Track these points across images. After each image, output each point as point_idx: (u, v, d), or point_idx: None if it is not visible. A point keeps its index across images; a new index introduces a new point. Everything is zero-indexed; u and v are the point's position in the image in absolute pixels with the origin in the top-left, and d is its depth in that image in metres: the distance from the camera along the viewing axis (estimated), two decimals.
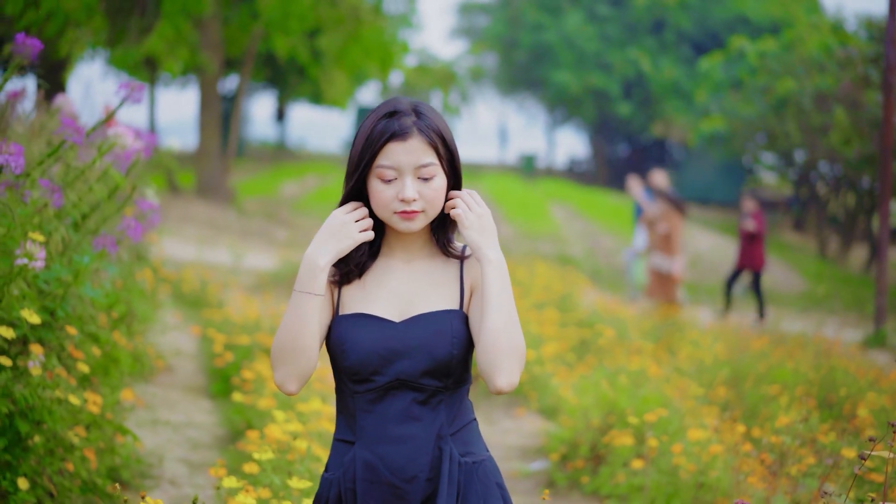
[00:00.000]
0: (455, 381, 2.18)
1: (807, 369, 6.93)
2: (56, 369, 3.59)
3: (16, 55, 3.68)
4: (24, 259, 3.19)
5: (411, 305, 2.18)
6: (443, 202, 2.18)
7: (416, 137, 2.14)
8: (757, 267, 12.66)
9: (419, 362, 2.13)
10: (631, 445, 4.65)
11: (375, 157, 2.13)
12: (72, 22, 14.80)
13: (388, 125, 2.13)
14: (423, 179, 2.14)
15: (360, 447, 2.15)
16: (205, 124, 19.75)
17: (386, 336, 2.14)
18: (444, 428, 2.16)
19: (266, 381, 5.22)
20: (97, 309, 4.21)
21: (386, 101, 2.21)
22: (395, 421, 2.14)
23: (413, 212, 2.14)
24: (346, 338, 2.15)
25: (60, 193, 3.58)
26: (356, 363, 2.14)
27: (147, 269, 7.01)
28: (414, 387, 2.14)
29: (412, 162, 2.13)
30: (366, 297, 2.20)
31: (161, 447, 4.95)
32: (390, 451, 2.13)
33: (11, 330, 3.30)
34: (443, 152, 2.17)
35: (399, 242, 2.23)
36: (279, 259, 13.02)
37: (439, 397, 2.16)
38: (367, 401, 2.15)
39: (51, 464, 3.62)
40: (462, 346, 2.16)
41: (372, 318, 2.17)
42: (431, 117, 2.18)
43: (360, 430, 2.16)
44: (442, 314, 2.17)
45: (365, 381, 2.15)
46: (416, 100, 2.21)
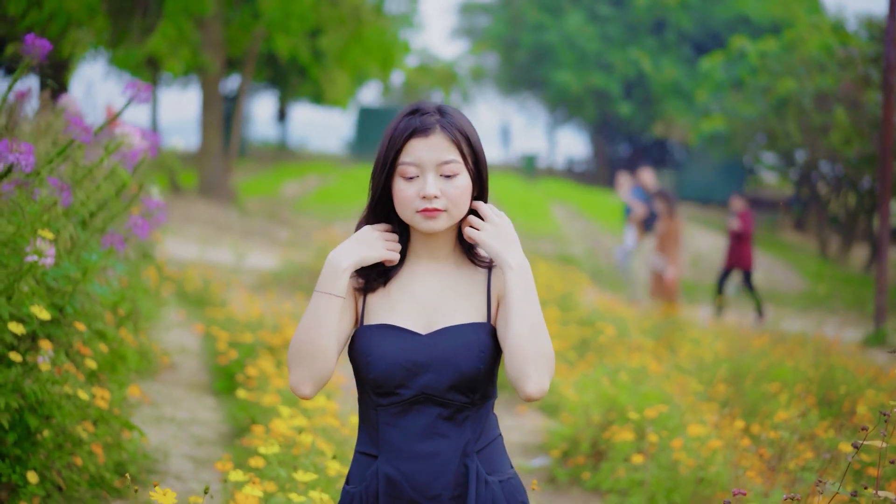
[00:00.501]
0: (482, 396, 2.11)
1: (806, 367, 6.98)
2: (65, 365, 3.65)
3: (25, 55, 3.73)
4: (34, 256, 3.24)
5: (437, 316, 2.13)
6: (467, 203, 2.12)
7: (439, 134, 2.10)
8: (745, 266, 12.73)
9: (445, 376, 2.07)
10: (631, 441, 4.71)
11: (398, 155, 2.10)
12: (74, 22, 14.86)
13: (410, 122, 2.11)
14: (445, 177, 2.10)
15: (382, 462, 2.09)
16: (207, 124, 19.81)
17: (411, 349, 2.09)
18: (471, 445, 2.10)
19: (270, 379, 5.26)
20: (104, 306, 4.26)
21: (412, 102, 2.20)
22: (420, 437, 2.08)
23: (435, 209, 2.09)
24: (370, 349, 2.09)
25: (69, 192, 3.63)
26: (380, 376, 2.08)
27: (152, 267, 7.06)
28: (439, 402, 2.08)
29: (434, 158, 2.09)
30: (391, 306, 2.14)
31: (166, 443, 5.00)
32: (414, 467, 2.07)
33: (21, 326, 3.35)
34: (467, 152, 2.12)
35: (425, 249, 2.18)
36: (281, 259, 13.07)
37: (466, 413, 2.10)
38: (391, 414, 2.09)
39: (59, 458, 3.67)
40: (489, 360, 2.10)
41: (397, 329, 2.11)
42: (456, 117, 2.14)
43: (384, 444, 2.10)
44: (469, 327, 2.10)
45: (389, 395, 2.09)
46: (442, 103, 2.18)
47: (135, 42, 16.68)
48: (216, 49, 18.96)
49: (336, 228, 17.30)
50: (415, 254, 2.19)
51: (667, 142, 37.92)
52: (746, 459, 4.13)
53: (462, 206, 2.11)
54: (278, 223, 18.97)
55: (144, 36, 16.71)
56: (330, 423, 4.05)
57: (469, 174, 2.12)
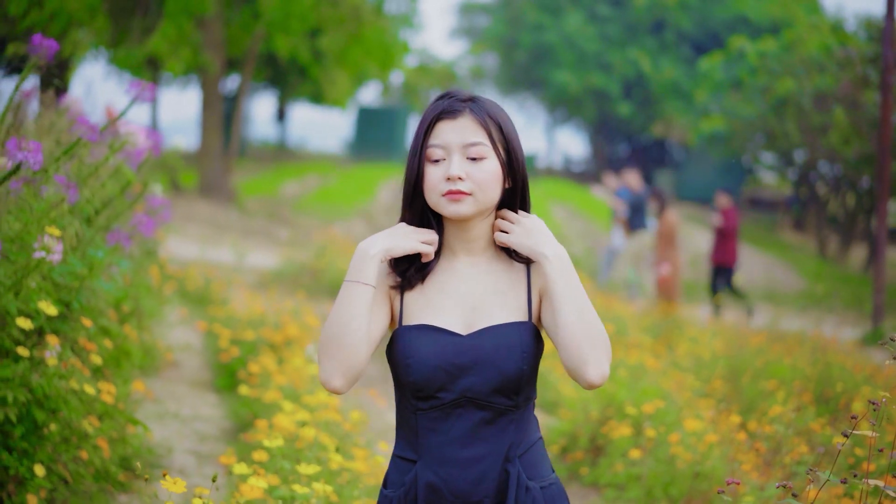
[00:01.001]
0: (525, 399, 2.06)
1: (804, 365, 7.03)
2: (71, 360, 3.70)
3: (32, 55, 3.78)
4: (43, 252, 3.29)
5: (478, 315, 2.06)
6: (495, 189, 2.06)
7: (467, 117, 2.06)
8: (729, 263, 12.77)
9: (488, 379, 2.01)
10: (629, 436, 4.76)
11: (427, 138, 2.07)
12: (75, 22, 14.91)
13: (439, 105, 2.08)
14: (472, 160, 2.04)
15: (422, 467, 2.04)
16: (207, 124, 19.87)
17: (452, 351, 2.02)
18: (513, 449, 2.04)
19: (272, 375, 5.32)
20: (108, 303, 4.31)
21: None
22: (461, 442, 2.02)
23: (459, 192, 2.03)
24: (410, 352, 2.03)
25: (76, 189, 3.69)
26: (421, 379, 2.02)
27: (154, 265, 7.11)
28: (482, 405, 2.03)
29: (460, 140, 2.04)
30: (429, 305, 2.08)
31: (169, 439, 5.06)
32: (455, 473, 2.02)
33: (29, 321, 3.40)
34: (496, 137, 2.06)
35: (460, 243, 2.12)
36: (281, 258, 13.12)
37: (509, 416, 2.04)
38: (431, 419, 2.04)
39: (66, 451, 3.73)
40: (531, 360, 2.04)
41: (437, 330, 2.05)
42: (489, 104, 2.10)
43: (423, 449, 2.05)
44: (511, 327, 2.04)
45: (429, 398, 2.03)
46: (481, 94, 2.14)
47: (135, 42, 16.73)
48: (216, 49, 19.02)
49: (336, 228, 17.36)
50: (450, 249, 2.13)
51: (666, 142, 37.97)
52: (742, 454, 4.19)
53: (489, 191, 2.05)
54: (278, 223, 19.02)
55: (145, 36, 16.74)
56: (332, 417, 4.11)
57: (499, 161, 2.06)
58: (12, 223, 3.50)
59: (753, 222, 28.45)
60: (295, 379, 5.05)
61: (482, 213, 2.08)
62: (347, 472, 3.60)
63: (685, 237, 22.89)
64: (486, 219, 2.11)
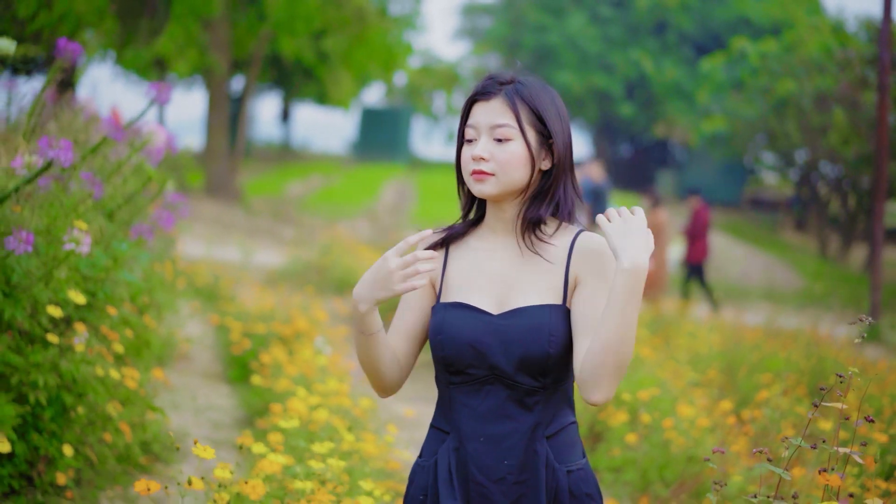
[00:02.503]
0: (554, 381, 2.07)
1: (798, 359, 7.23)
2: (96, 347, 3.91)
3: (57, 58, 3.99)
4: (72, 245, 3.50)
5: (511, 294, 2.10)
6: (519, 170, 2.08)
7: (499, 99, 2.09)
8: (699, 261, 13.12)
9: (513, 359, 2.04)
10: (626, 422, 4.97)
11: (466, 119, 2.13)
12: (83, 24, 15.11)
13: (476, 86, 2.13)
14: (498, 141, 2.08)
15: (452, 438, 2.11)
16: (213, 124, 20.10)
17: (481, 329, 2.07)
18: (540, 429, 2.06)
19: (283, 366, 5.52)
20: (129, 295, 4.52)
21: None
22: (489, 418, 2.07)
23: (481, 172, 2.07)
24: (441, 328, 2.09)
25: (100, 186, 3.90)
26: (451, 355, 2.08)
27: (167, 261, 7.32)
28: (508, 384, 2.06)
29: (489, 121, 2.08)
30: (466, 282, 2.13)
31: (185, 426, 5.27)
32: (481, 448, 2.07)
33: (59, 309, 3.61)
34: (527, 119, 2.08)
35: (499, 223, 2.15)
36: (287, 256, 13.33)
37: (536, 397, 2.06)
38: (463, 393, 2.09)
39: (92, 433, 3.94)
40: (560, 344, 2.04)
41: (469, 308, 2.10)
42: (530, 88, 2.11)
43: (455, 421, 2.11)
44: (541, 309, 2.06)
45: (460, 374, 2.09)
46: (529, 75, 2.15)
47: (143, 43, 16.94)
48: (223, 50, 19.24)
49: (341, 227, 17.57)
50: (490, 228, 2.17)
51: (668, 142, 38.17)
52: (732, 438, 4.39)
53: (512, 172, 2.07)
54: (283, 222, 19.24)
55: (152, 37, 16.95)
56: (343, 402, 4.31)
57: (525, 142, 2.07)
58: (42, 217, 3.71)
59: (755, 222, 28.63)
60: (305, 369, 5.25)
61: (511, 194, 2.11)
62: (357, 454, 3.80)
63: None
64: (524, 199, 2.13)
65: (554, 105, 2.12)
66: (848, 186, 22.09)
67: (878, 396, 5.88)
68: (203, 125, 20.59)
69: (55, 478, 3.78)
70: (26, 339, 3.73)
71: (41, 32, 13.16)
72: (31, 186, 3.70)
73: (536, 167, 2.10)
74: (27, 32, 12.10)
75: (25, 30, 12.07)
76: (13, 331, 3.67)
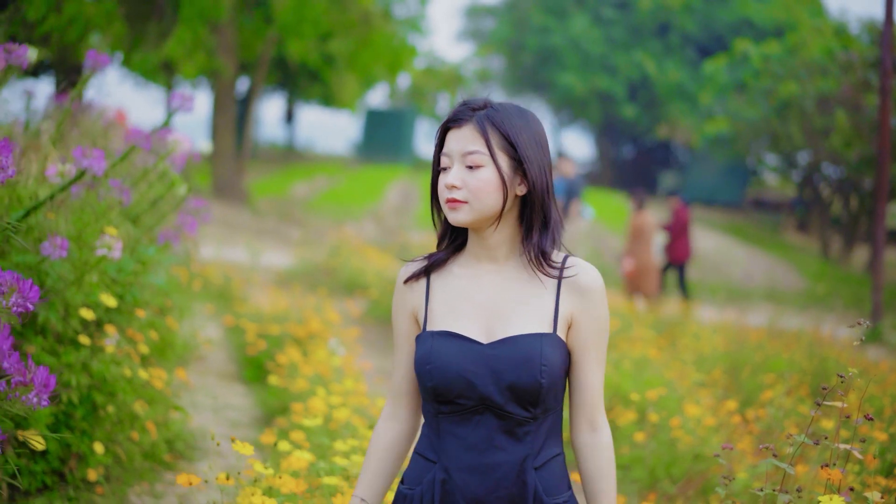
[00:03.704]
0: (544, 411, 2.06)
1: (801, 359, 7.37)
2: (125, 348, 4.06)
3: (88, 69, 4.14)
4: (105, 249, 3.65)
5: (499, 323, 2.07)
6: (491, 196, 2.04)
7: (470, 125, 2.06)
8: (681, 260, 13.41)
9: (504, 389, 2.02)
10: (634, 421, 5.11)
11: (442, 147, 2.11)
12: (92, 27, 15.26)
13: (449, 113, 2.11)
14: (470, 168, 2.05)
15: (440, 470, 2.08)
16: (219, 126, 20.24)
17: (471, 359, 2.03)
18: (530, 460, 2.05)
19: (299, 366, 5.67)
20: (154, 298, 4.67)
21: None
22: (478, 448, 2.05)
23: (455, 200, 2.05)
24: (430, 358, 2.06)
25: (128, 193, 4.05)
26: (440, 385, 2.04)
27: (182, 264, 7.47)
28: (499, 414, 2.04)
29: (460, 148, 2.05)
30: (452, 311, 2.10)
31: (204, 425, 5.41)
32: (470, 480, 2.05)
33: (91, 312, 3.76)
34: (498, 145, 2.05)
35: (482, 250, 2.13)
36: (295, 257, 13.48)
37: (526, 427, 2.04)
38: (452, 423, 2.07)
39: (120, 431, 4.09)
40: (552, 375, 2.02)
41: (458, 337, 2.06)
42: (501, 113, 2.07)
43: (443, 451, 2.08)
44: (533, 338, 2.04)
45: (449, 403, 2.06)
46: (503, 101, 2.12)
47: (151, 47, 17.11)
48: (230, 53, 19.39)
49: (347, 228, 17.72)
50: (474, 256, 2.14)
51: (671, 143, 38.28)
52: (738, 436, 4.53)
53: (485, 198, 2.04)
54: (290, 223, 19.39)
55: (161, 41, 17.14)
56: (361, 402, 4.46)
57: (497, 168, 2.04)
58: (74, 223, 3.86)
59: (757, 223, 28.76)
60: (321, 369, 5.40)
61: (487, 221, 2.08)
62: None
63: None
64: (504, 226, 2.10)
65: (528, 129, 2.09)
66: (850, 188, 22.21)
67: (880, 397, 6.02)
68: (208, 127, 20.74)
69: (86, 474, 3.93)
70: (59, 341, 3.88)
71: (50, 35, 13.32)
72: (64, 194, 3.85)
73: (510, 193, 2.07)
74: (36, 35, 12.25)
75: (34, 33, 12.22)
76: (47, 333, 3.82)
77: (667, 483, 4.66)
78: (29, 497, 3.80)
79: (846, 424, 3.82)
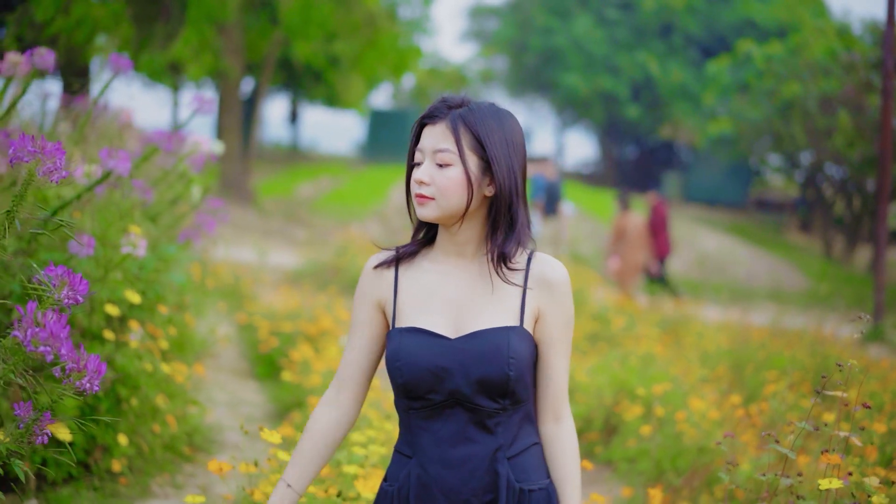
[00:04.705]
0: (514, 402, 2.09)
1: (803, 357, 7.48)
2: (147, 343, 4.19)
3: (112, 72, 4.27)
4: (129, 248, 3.78)
5: (467, 317, 2.10)
6: (458, 195, 2.07)
7: (443, 123, 2.09)
8: (661, 255, 13.62)
9: (472, 382, 2.05)
10: (640, 415, 5.24)
11: (417, 140, 2.15)
12: (99, 29, 15.39)
13: (426, 109, 2.14)
14: (439, 166, 2.08)
15: (415, 465, 2.12)
16: (226, 127, 20.38)
17: (439, 354, 2.07)
18: (502, 451, 2.09)
19: (312, 363, 5.80)
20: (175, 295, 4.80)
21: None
22: (450, 442, 2.08)
23: (422, 195, 2.09)
24: (398, 355, 2.08)
25: (150, 193, 4.18)
26: (410, 381, 2.07)
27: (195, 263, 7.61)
28: (469, 407, 2.07)
29: (432, 145, 2.09)
30: (420, 307, 2.13)
31: (220, 420, 5.55)
32: (444, 473, 2.08)
33: (116, 308, 3.89)
34: (468, 145, 2.07)
35: (452, 246, 2.16)
36: (302, 257, 13.61)
37: (496, 419, 2.08)
38: (422, 418, 2.10)
39: (143, 424, 4.22)
40: (520, 367, 2.06)
41: (426, 333, 2.09)
42: (476, 113, 2.10)
43: (416, 446, 2.12)
44: (500, 331, 2.07)
45: (420, 399, 2.09)
46: (480, 100, 2.15)
47: (158, 48, 17.24)
48: (236, 54, 19.54)
49: (352, 229, 17.84)
50: (443, 251, 2.17)
51: (674, 144, 38.40)
52: (741, 429, 4.66)
53: (451, 197, 2.07)
54: (295, 223, 19.53)
55: (168, 42, 17.27)
56: (375, 395, 4.58)
57: (464, 168, 2.07)
58: (99, 222, 3.99)
59: (760, 223, 28.87)
60: (333, 366, 5.53)
61: (452, 217, 2.11)
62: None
63: (692, 238, 23.30)
64: (472, 224, 2.14)
65: (501, 130, 2.11)
66: (853, 188, 22.32)
67: (880, 393, 6.14)
68: (213, 127, 20.88)
69: (110, 465, 4.07)
70: (84, 336, 4.02)
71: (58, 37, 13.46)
72: (89, 194, 3.98)
73: (477, 193, 2.10)
74: (44, 37, 12.39)
75: (42, 34, 12.35)
76: (73, 328, 3.95)
77: (672, 475, 4.79)
78: (56, 487, 3.94)
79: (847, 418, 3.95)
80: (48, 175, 2.01)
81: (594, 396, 5.96)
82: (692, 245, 22.68)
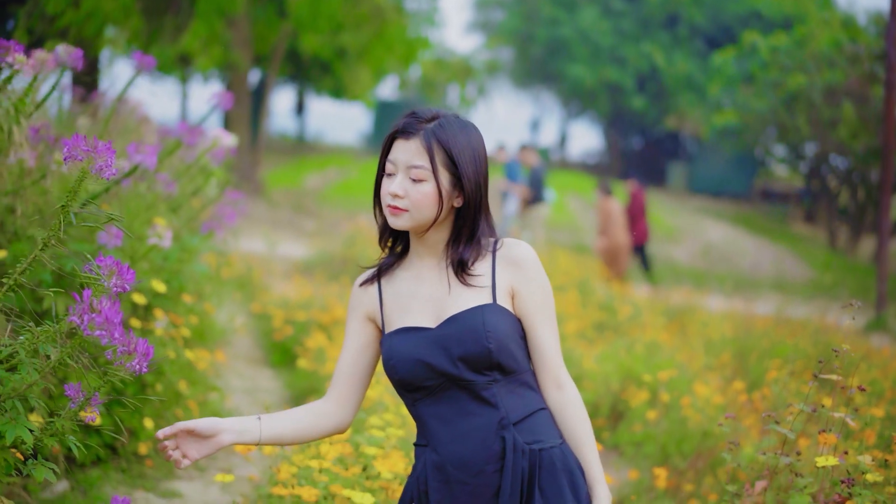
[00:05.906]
0: (504, 373, 2.21)
1: (806, 346, 7.63)
2: (171, 331, 4.35)
3: (136, 70, 4.42)
4: (156, 238, 3.94)
5: (445, 307, 2.25)
6: (429, 208, 2.21)
7: (417, 139, 2.21)
8: (639, 242, 13.92)
9: (457, 361, 2.19)
10: (646, 401, 5.40)
11: (387, 152, 2.27)
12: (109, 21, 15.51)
13: (399, 122, 2.25)
14: (413, 181, 2.21)
15: (429, 451, 2.24)
16: (234, 119, 20.52)
17: (424, 344, 2.21)
18: (507, 418, 2.20)
19: (326, 350, 5.96)
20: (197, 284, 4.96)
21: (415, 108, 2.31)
22: (455, 420, 2.21)
23: (396, 208, 2.22)
24: (391, 354, 2.23)
25: (174, 185, 4.33)
26: (405, 376, 2.21)
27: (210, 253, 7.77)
28: (462, 385, 2.20)
29: (406, 160, 2.21)
30: (404, 309, 2.28)
31: (238, 406, 5.71)
32: (454, 449, 2.20)
33: (143, 297, 4.05)
34: (440, 162, 2.21)
35: (424, 248, 2.31)
36: (311, 248, 13.77)
37: (491, 390, 2.20)
38: (428, 405, 2.23)
39: (167, 408, 4.38)
40: (499, 338, 2.20)
41: (411, 329, 2.24)
42: (447, 130, 2.22)
43: (429, 434, 2.24)
44: (472, 311, 2.21)
45: (419, 389, 2.23)
46: (450, 113, 2.27)
47: (168, 41, 17.37)
48: (245, 46, 19.67)
49: (361, 219, 17.99)
50: (417, 254, 2.32)
51: (679, 135, 38.45)
52: (744, 414, 4.82)
53: (424, 210, 2.20)
54: (304, 214, 19.68)
55: (177, 35, 17.39)
56: (389, 384, 4.74)
57: (437, 183, 2.20)
58: (125, 214, 4.15)
59: (765, 214, 28.97)
60: None
61: (422, 226, 2.25)
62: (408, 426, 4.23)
63: (697, 228, 23.42)
64: (442, 228, 2.28)
65: (470, 146, 2.24)
66: (857, 179, 22.40)
67: (881, 380, 6.29)
68: (220, 119, 21.03)
69: (137, 448, 4.23)
70: None
71: (68, 29, 13.60)
72: (116, 186, 4.14)
73: (447, 205, 2.24)
74: (54, 29, 12.52)
75: (53, 27, 12.49)
76: None
77: (677, 458, 4.95)
78: (85, 468, 4.10)
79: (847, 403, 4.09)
80: (100, 172, 2.16)
81: (601, 383, 6.12)
82: (697, 235, 22.81)
